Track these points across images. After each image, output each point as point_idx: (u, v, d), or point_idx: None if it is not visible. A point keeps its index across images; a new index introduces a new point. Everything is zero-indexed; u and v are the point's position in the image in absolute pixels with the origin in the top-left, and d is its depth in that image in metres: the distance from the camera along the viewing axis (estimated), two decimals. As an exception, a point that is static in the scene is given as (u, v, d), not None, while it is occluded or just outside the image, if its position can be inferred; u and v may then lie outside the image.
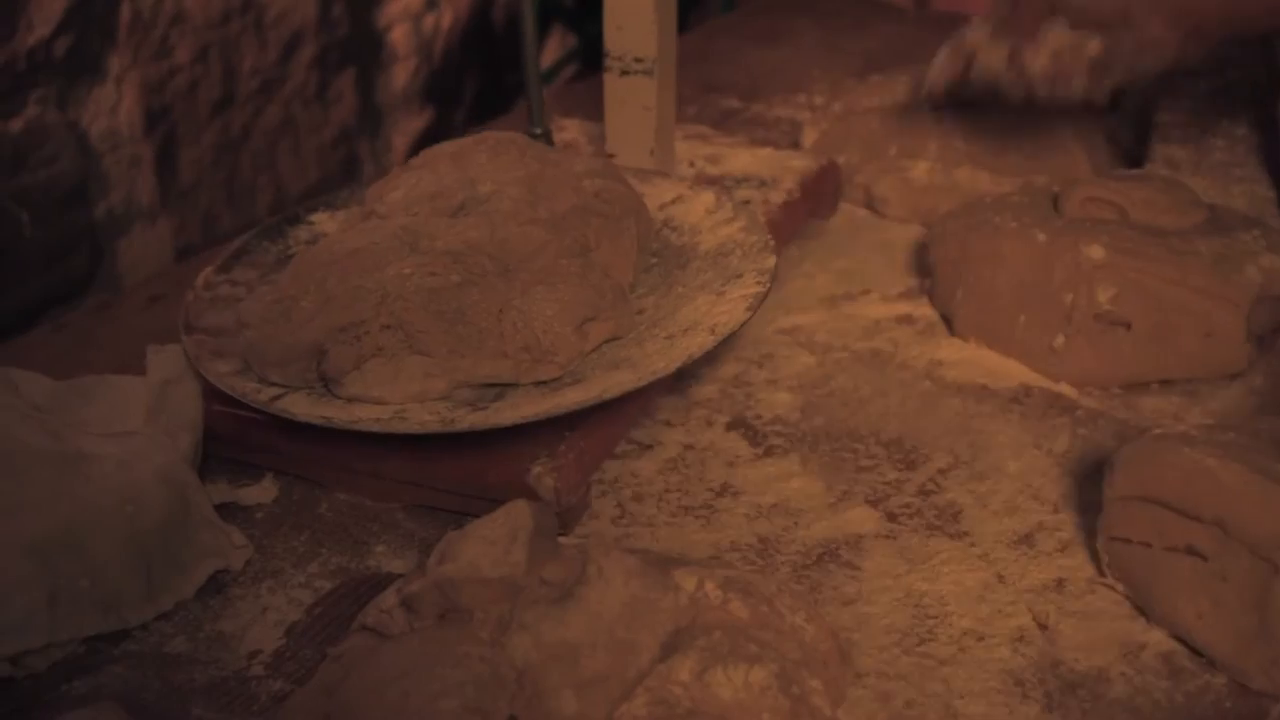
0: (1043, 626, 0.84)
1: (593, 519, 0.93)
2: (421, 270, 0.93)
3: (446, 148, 1.07)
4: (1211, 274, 1.05)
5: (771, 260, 1.01)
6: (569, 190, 1.02)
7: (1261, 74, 1.46)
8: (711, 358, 1.07)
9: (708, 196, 1.12)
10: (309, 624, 0.84)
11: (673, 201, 1.13)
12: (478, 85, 2.36)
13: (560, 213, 1.00)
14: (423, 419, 0.89)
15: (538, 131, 1.22)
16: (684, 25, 1.96)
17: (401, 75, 2.21)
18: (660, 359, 0.93)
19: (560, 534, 0.87)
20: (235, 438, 0.96)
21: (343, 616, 0.83)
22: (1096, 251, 1.06)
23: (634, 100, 1.20)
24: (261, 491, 0.95)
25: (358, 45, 2.08)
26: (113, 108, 1.66)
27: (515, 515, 0.74)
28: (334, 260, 0.96)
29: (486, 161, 1.04)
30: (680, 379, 1.06)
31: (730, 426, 1.02)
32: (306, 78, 2.00)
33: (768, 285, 0.98)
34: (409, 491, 0.93)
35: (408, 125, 2.22)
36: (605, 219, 1.02)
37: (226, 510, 0.92)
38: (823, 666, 0.75)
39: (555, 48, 2.56)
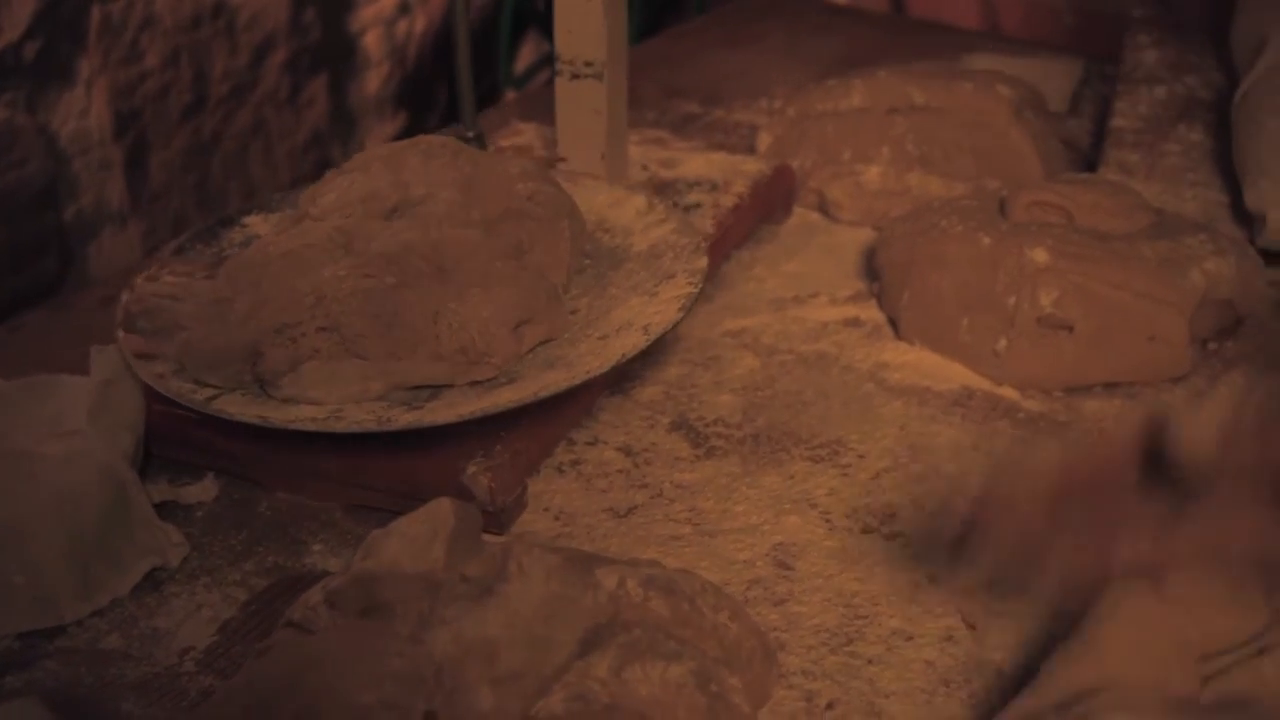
0: (971, 627, 0.84)
1: (529, 519, 0.93)
2: (357, 272, 0.94)
3: (379, 151, 1.08)
4: (1155, 278, 1.06)
5: (703, 261, 1.02)
6: (502, 193, 1.03)
7: (1219, 79, 1.47)
8: (657, 360, 1.08)
9: (639, 199, 1.13)
10: (242, 621, 0.84)
11: (606, 204, 1.14)
12: (451, 90, 2.36)
13: (494, 215, 1.01)
14: (358, 418, 0.89)
15: (470, 135, 1.23)
16: (660, 31, 1.97)
17: (374, 80, 2.22)
18: (594, 359, 0.93)
19: (497, 534, 0.88)
20: (176, 437, 0.96)
21: (276, 614, 0.83)
22: (1040, 255, 1.07)
23: (585, 104, 1.21)
24: (202, 490, 0.95)
25: (330, 50, 2.09)
26: (82, 111, 1.66)
27: (437, 513, 0.75)
28: (268, 261, 0.97)
29: (419, 165, 1.05)
30: (624, 380, 1.06)
31: (672, 428, 1.02)
32: (278, 82, 2.01)
33: (699, 285, 0.99)
34: (347, 491, 0.93)
35: (380, 130, 2.23)
36: (539, 221, 1.03)
37: (167, 509, 0.93)
38: (746, 665, 0.76)
39: (530, 53, 2.56)
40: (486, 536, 0.79)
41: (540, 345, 0.98)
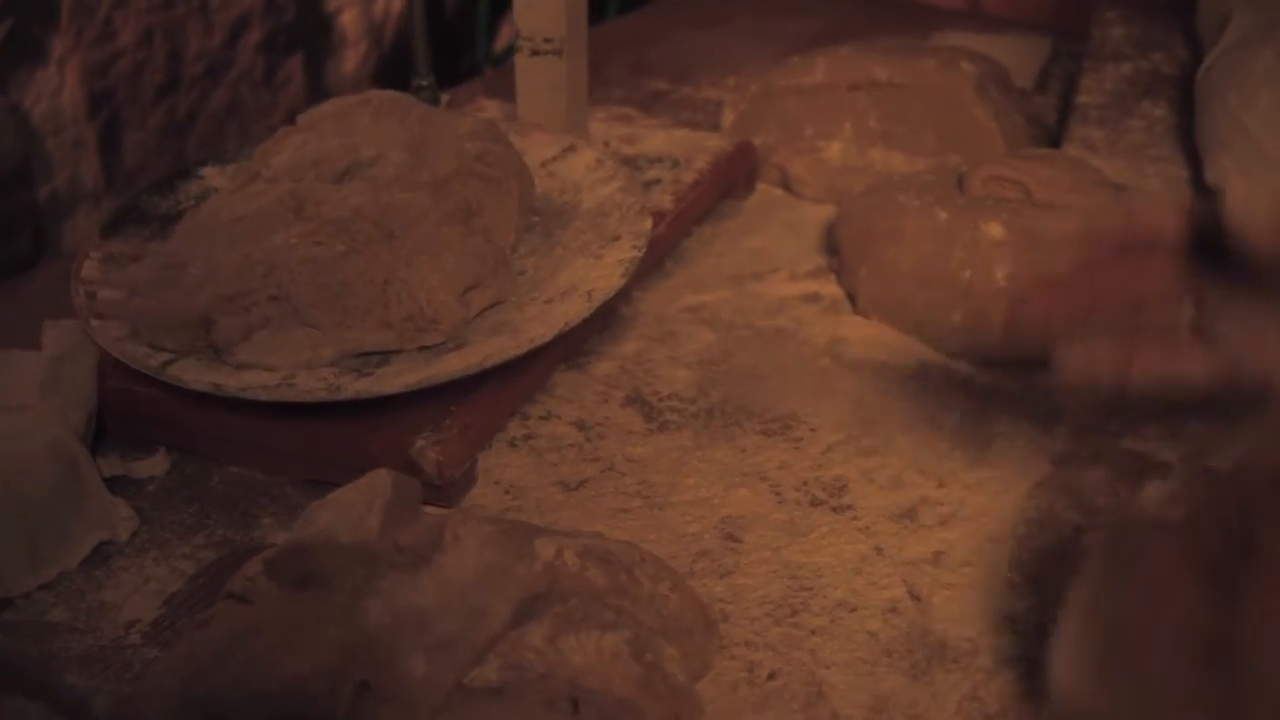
0: (916, 598, 0.84)
1: (480, 493, 0.93)
2: (307, 240, 0.94)
3: (329, 108, 1.08)
4: (1109, 252, 1.06)
5: (647, 223, 1.03)
6: (451, 153, 1.03)
7: (1185, 56, 1.47)
8: (613, 335, 1.09)
9: (588, 154, 1.13)
10: (189, 594, 0.85)
11: (555, 157, 1.14)
12: (432, 69, 2.36)
13: (442, 176, 1.01)
14: (310, 386, 0.90)
15: (423, 84, 1.23)
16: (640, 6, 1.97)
17: (352, 59, 2.21)
18: (539, 325, 0.94)
19: (446, 508, 0.88)
20: (128, 412, 0.96)
21: (221, 586, 0.83)
22: (995, 229, 1.07)
23: (544, 80, 1.21)
24: (154, 465, 0.95)
25: (306, 29, 2.09)
26: (55, 90, 1.66)
27: (374, 484, 0.75)
28: (221, 225, 0.97)
29: (369, 124, 1.05)
30: (579, 355, 1.07)
31: (626, 402, 1.03)
32: (254, 61, 2.01)
33: (643, 249, 1.00)
34: (298, 465, 0.94)
35: (358, 109, 2.22)
36: (486, 181, 1.03)
37: (118, 483, 0.93)
38: (685, 635, 0.76)
39: (511, 32, 2.56)
40: (436, 510, 0.79)
41: (488, 309, 0.98)
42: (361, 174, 1.02)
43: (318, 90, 2.14)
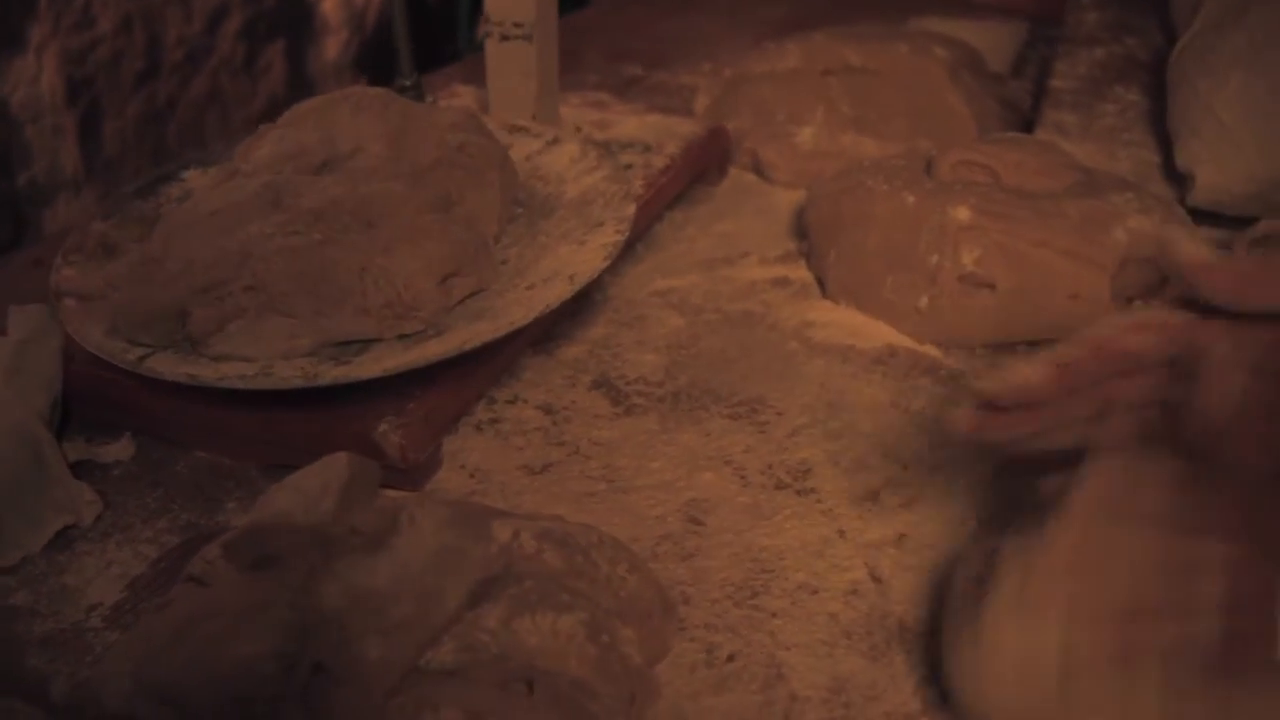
0: (877, 580, 0.84)
1: (445, 477, 0.93)
2: (283, 230, 0.94)
3: (311, 104, 1.09)
4: (1077, 236, 1.06)
5: (631, 208, 1.03)
6: (432, 144, 1.03)
7: (1159, 41, 1.47)
8: (583, 320, 1.09)
9: (572, 146, 1.14)
10: (151, 578, 0.85)
11: (539, 151, 1.14)
12: (414, 56, 2.36)
13: (423, 167, 1.01)
14: (287, 374, 0.90)
15: (407, 84, 1.23)
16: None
17: (333, 46, 2.21)
18: (519, 310, 0.94)
19: (411, 491, 0.88)
20: (95, 396, 0.96)
21: (183, 570, 0.83)
22: (962, 213, 1.07)
23: (514, 65, 1.21)
24: (119, 449, 0.95)
25: (287, 16, 2.09)
26: (33, 78, 1.66)
27: (331, 466, 0.76)
28: (198, 220, 0.97)
29: (349, 118, 1.05)
30: (548, 340, 1.07)
31: (593, 386, 1.03)
32: (234, 48, 2.01)
33: (626, 233, 1.00)
34: (264, 450, 0.94)
35: (340, 97, 2.22)
36: (468, 171, 1.03)
37: (83, 468, 0.93)
38: (643, 617, 0.76)
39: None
40: (395, 493, 0.79)
41: (470, 297, 0.98)
42: (340, 166, 1.03)
43: (299, 78, 2.14)
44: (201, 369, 0.90)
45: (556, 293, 0.94)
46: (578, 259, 0.98)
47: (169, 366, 0.91)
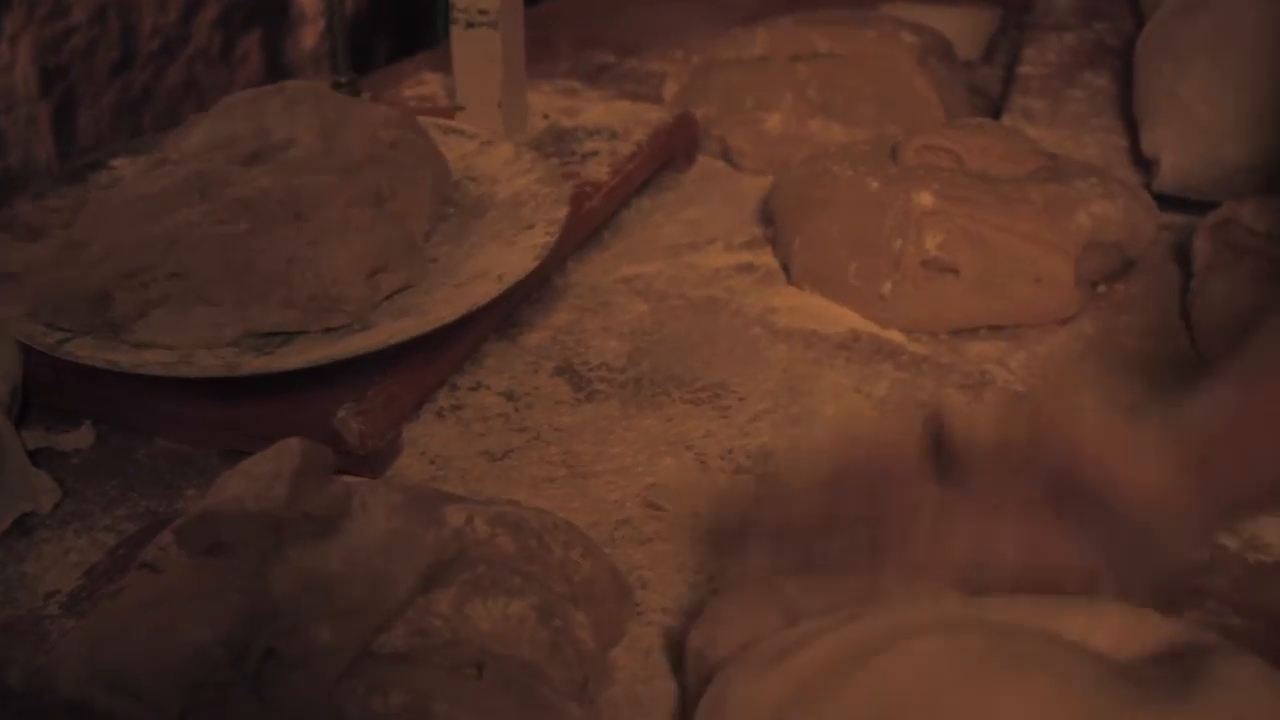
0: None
1: (405, 463, 0.94)
2: (210, 218, 0.93)
3: (243, 96, 1.08)
4: (1040, 220, 1.06)
5: (563, 211, 1.03)
6: (364, 140, 1.03)
7: (1129, 27, 1.47)
8: (546, 307, 1.09)
9: (507, 148, 1.13)
10: (109, 565, 0.85)
11: (474, 152, 1.14)
12: (390, 45, 2.35)
13: (355, 161, 1.01)
14: (207, 364, 0.89)
15: (342, 80, 1.23)
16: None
17: (310, 36, 2.20)
18: (446, 307, 0.93)
19: (371, 478, 0.88)
20: (53, 385, 0.96)
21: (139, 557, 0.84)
22: (926, 198, 1.07)
23: (480, 52, 1.21)
24: (79, 437, 0.95)
25: (263, 6, 2.08)
26: (6, 68, 1.65)
27: (284, 452, 0.76)
28: (124, 205, 0.97)
29: (281, 110, 1.05)
30: (511, 327, 1.07)
31: (556, 372, 1.03)
32: (210, 38, 2.00)
33: (556, 235, 1.00)
34: (223, 437, 0.94)
35: (316, 87, 2.21)
36: (400, 168, 1.03)
37: (42, 456, 0.93)
38: (598, 602, 0.76)
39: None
40: (350, 479, 0.79)
41: (397, 293, 0.98)
42: (271, 157, 1.02)
43: (276, 67, 2.13)
44: (121, 355, 0.89)
45: (485, 291, 0.94)
46: (507, 259, 0.98)
47: (88, 351, 0.90)
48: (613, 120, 1.27)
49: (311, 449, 0.76)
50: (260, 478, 0.74)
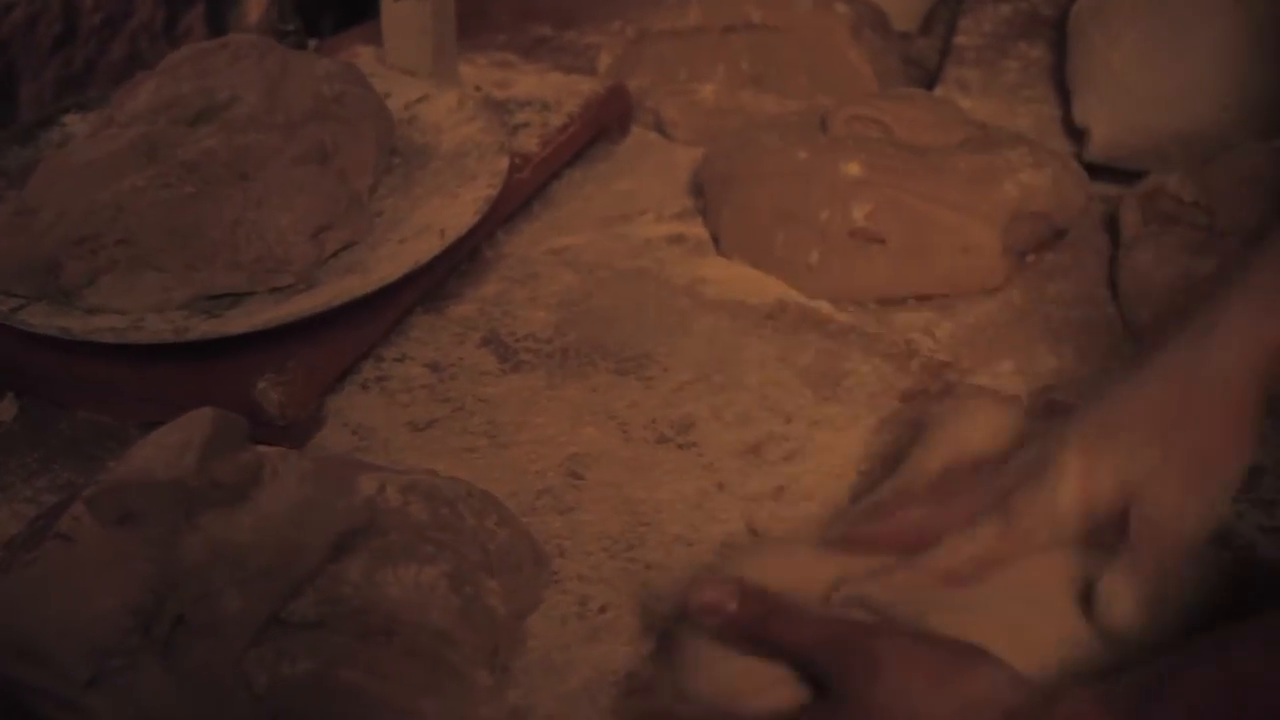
0: (753, 532, 0.85)
1: (328, 435, 0.94)
2: (156, 183, 0.94)
3: (188, 52, 1.08)
4: (967, 190, 1.07)
5: (504, 161, 1.04)
6: (308, 95, 1.03)
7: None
8: (475, 278, 1.09)
9: (451, 96, 1.14)
10: (28, 536, 0.84)
11: (418, 100, 1.14)
12: (336, 17, 2.34)
13: (297, 118, 1.01)
14: (157, 328, 0.90)
15: (289, 29, 1.23)
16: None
17: (255, 9, 2.19)
18: (390, 264, 0.94)
19: (294, 448, 0.88)
20: (-26, 357, 0.96)
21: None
22: (853, 168, 1.07)
23: (410, 24, 1.20)
24: (1, 410, 0.95)
25: (207, -21, 2.07)
26: (-56, 43, 1.64)
27: (195, 422, 0.76)
28: (72, 171, 0.97)
29: (226, 67, 1.05)
30: (439, 298, 1.07)
31: (482, 343, 1.03)
32: (153, 12, 1.99)
33: (499, 186, 1.01)
34: (145, 408, 0.93)
35: (261, 61, 2.20)
36: (343, 123, 1.03)
37: (-37, 430, 0.93)
38: (514, 569, 0.77)
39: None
40: (266, 449, 0.79)
41: (343, 250, 0.98)
42: (216, 117, 1.02)
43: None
44: (73, 322, 0.90)
45: (427, 247, 0.95)
46: (449, 213, 0.98)
47: (42, 319, 0.90)
48: (545, 92, 1.26)
49: (223, 418, 0.76)
50: (170, 447, 0.74)
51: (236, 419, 0.78)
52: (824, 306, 1.07)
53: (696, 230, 1.17)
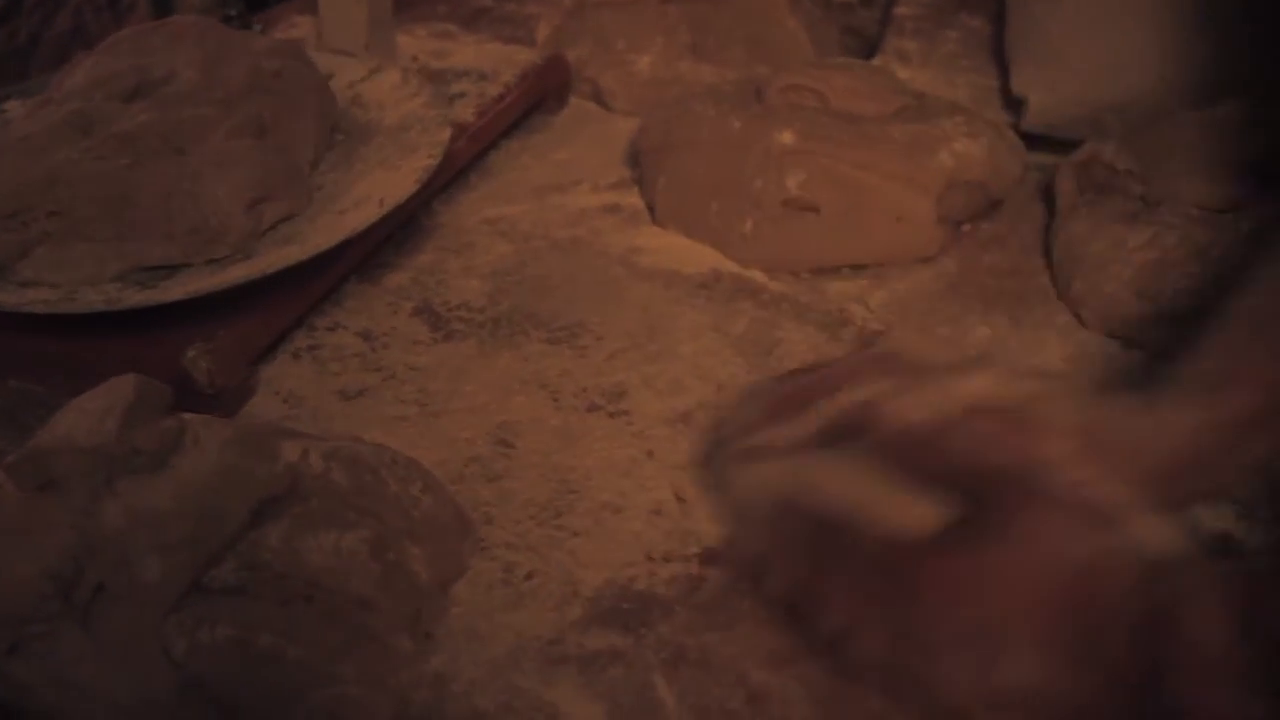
0: (681, 500, 0.85)
1: (259, 403, 0.93)
2: (89, 155, 0.94)
3: (128, 33, 1.08)
4: (901, 159, 1.07)
5: (446, 133, 1.04)
6: (246, 71, 1.03)
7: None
8: (410, 248, 1.09)
9: (394, 74, 1.14)
10: (-47, 505, 0.84)
11: (362, 79, 1.14)
12: (278, -3, 2.34)
13: (236, 92, 1.01)
14: (90, 299, 0.90)
15: (232, 14, 1.23)
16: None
17: (198, -11, 2.18)
18: (326, 234, 0.94)
19: (225, 417, 0.88)
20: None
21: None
22: (787, 137, 1.07)
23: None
24: (-67, 381, 0.95)
25: (151, -49, 2.06)
26: (-118, 15, 1.63)
27: (117, 388, 0.76)
28: (7, 147, 0.96)
29: (164, 45, 1.05)
30: (373, 268, 1.07)
31: (415, 313, 1.03)
32: (97, -14, 1.98)
33: (439, 157, 1.01)
34: (75, 378, 0.93)
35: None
36: (283, 97, 1.03)
37: (-109, 399, 0.92)
38: (438, 537, 0.77)
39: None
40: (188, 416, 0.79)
41: (282, 222, 0.98)
42: (153, 92, 1.02)
43: (164, 15, 2.11)
44: (6, 295, 0.90)
45: (364, 216, 0.95)
46: (389, 183, 0.98)
47: None
48: (482, 62, 1.26)
49: (146, 385, 0.76)
50: (92, 413, 0.74)
51: (160, 386, 0.78)
52: (758, 276, 1.07)
53: (632, 200, 1.17)
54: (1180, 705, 0.55)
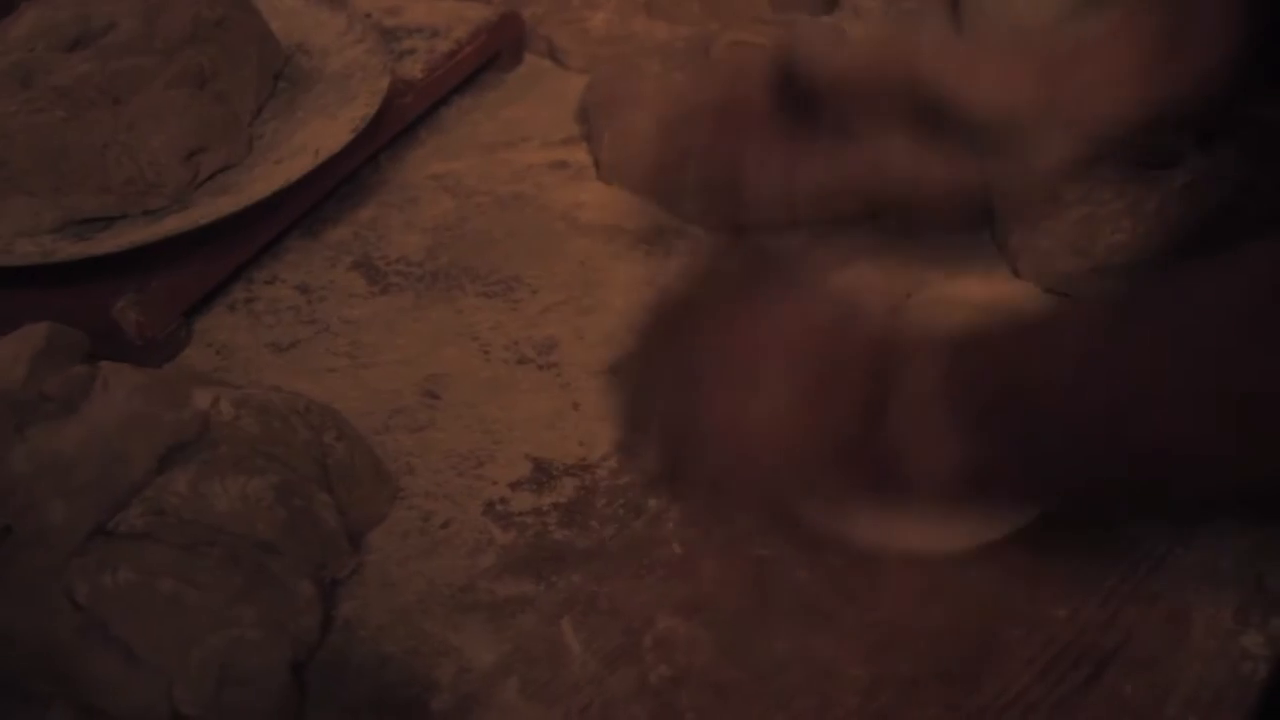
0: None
1: (192, 355, 0.94)
2: (27, 108, 0.94)
3: (70, -17, 1.08)
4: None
5: (385, 81, 1.04)
6: (186, 20, 1.03)
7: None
8: (353, 202, 1.09)
9: (340, 19, 1.14)
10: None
11: (310, 26, 1.15)
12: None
13: (176, 42, 1.01)
14: (26, 251, 0.90)
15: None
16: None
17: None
18: (262, 184, 0.94)
19: (156, 368, 0.89)
20: None
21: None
22: (728, 93, 1.07)
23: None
24: None
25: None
26: None
27: (29, 335, 0.76)
28: (-58, 102, 0.97)
29: (109, -4, 1.05)
30: (315, 222, 1.07)
31: (353, 266, 1.03)
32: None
33: (377, 106, 1.01)
34: (6, 332, 0.94)
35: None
36: (224, 47, 1.03)
37: None
38: (353, 484, 0.77)
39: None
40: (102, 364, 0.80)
41: (220, 172, 0.98)
42: (92, 42, 1.02)
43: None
44: None
45: (299, 165, 0.95)
46: (326, 132, 0.99)
47: None
48: (435, 19, 1.26)
49: (59, 332, 0.77)
50: (1, 360, 0.74)
51: (75, 333, 0.78)
52: (698, 231, 1.06)
53: (580, 156, 1.17)
54: (898, 435, 0.61)
